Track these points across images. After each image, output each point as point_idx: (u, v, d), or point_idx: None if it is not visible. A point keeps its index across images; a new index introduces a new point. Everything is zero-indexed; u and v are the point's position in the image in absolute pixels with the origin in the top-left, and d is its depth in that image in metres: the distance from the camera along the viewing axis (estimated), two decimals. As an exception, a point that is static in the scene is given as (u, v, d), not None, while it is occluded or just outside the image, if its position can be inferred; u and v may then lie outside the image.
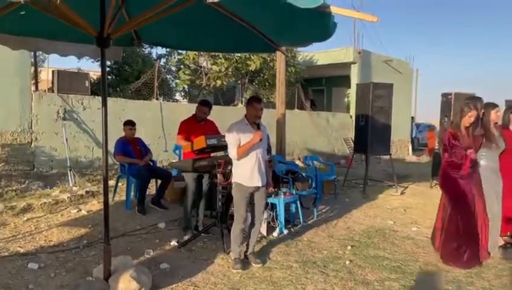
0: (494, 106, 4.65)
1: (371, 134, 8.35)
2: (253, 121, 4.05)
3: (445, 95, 9.22)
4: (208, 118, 5.35)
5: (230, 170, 4.25)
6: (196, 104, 5.40)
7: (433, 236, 4.76)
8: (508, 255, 4.57)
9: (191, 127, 5.19)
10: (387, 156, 9.29)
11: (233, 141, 3.99)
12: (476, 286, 3.80)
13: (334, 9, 2.83)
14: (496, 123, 4.68)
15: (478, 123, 4.32)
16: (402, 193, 8.35)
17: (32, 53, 8.61)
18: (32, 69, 9.03)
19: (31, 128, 7.88)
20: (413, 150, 18.28)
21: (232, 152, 4.01)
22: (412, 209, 6.95)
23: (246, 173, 4.02)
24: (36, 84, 9.84)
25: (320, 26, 3.14)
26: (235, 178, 4.08)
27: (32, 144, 7.88)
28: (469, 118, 4.18)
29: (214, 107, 5.57)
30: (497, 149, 4.57)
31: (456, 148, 4.19)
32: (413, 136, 19.01)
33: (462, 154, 4.17)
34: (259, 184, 4.06)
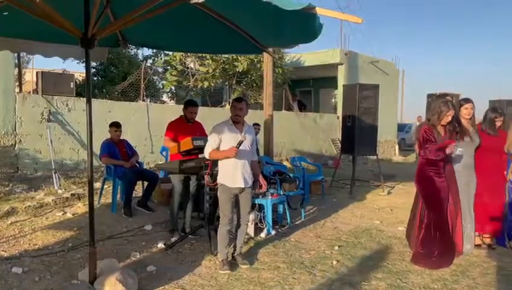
0: (465, 101, 4.62)
1: (357, 135, 8.41)
2: (234, 120, 4.07)
3: (430, 96, 9.31)
4: (195, 119, 5.32)
5: (218, 171, 4.25)
6: (183, 106, 5.36)
7: (408, 235, 4.81)
8: (493, 253, 4.63)
9: (179, 128, 5.15)
10: (374, 157, 9.36)
11: (212, 141, 4.06)
12: (461, 284, 3.85)
13: (319, 11, 2.85)
14: (470, 119, 4.62)
15: (455, 121, 4.36)
16: (389, 193, 8.42)
17: (16, 54, 8.50)
18: (16, 70, 8.91)
19: (15, 130, 7.75)
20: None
21: (206, 151, 4.11)
22: (399, 209, 7.00)
23: (229, 173, 4.03)
24: (20, 85, 9.71)
25: (306, 27, 3.15)
26: (220, 179, 4.09)
27: (16, 147, 7.75)
28: (447, 117, 4.20)
29: (201, 108, 5.55)
30: (472, 144, 4.58)
31: (431, 144, 4.22)
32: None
33: (437, 153, 4.15)
34: (243, 185, 4.06)
